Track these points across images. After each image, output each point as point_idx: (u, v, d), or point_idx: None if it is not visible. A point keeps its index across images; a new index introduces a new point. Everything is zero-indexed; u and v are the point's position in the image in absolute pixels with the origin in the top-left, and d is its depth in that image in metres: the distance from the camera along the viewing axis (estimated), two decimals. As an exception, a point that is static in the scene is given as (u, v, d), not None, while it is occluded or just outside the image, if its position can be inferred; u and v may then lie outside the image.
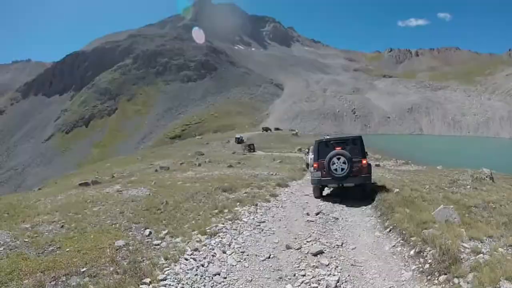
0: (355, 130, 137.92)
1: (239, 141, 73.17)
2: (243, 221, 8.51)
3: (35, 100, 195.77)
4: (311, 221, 8.71)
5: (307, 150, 45.92)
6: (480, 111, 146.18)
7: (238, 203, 10.21)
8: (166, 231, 7.77)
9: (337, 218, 8.99)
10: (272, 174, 19.70)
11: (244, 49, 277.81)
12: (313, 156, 24.74)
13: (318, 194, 11.94)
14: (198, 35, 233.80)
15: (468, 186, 14.29)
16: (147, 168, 34.04)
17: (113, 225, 7.95)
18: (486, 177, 16.75)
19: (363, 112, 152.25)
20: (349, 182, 11.09)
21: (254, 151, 51.24)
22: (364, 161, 11.20)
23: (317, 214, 9.28)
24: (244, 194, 11.73)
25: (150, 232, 7.66)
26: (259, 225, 8.28)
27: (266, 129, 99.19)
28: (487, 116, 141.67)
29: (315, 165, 11.63)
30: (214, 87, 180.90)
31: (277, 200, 11.28)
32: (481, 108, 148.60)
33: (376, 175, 20.49)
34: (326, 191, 13.39)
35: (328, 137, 12.81)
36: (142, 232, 7.68)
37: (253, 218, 8.81)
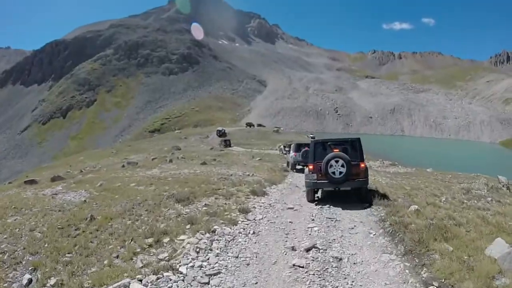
0: (337, 129, 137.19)
1: (221, 134, 73.48)
2: (180, 273, 4.82)
3: (13, 90, 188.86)
4: (299, 266, 5.13)
5: (282, 146, 44.16)
6: (461, 115, 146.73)
7: (188, 226, 6.90)
8: (56, 280, 4.80)
9: (340, 259, 5.52)
10: (249, 174, 16.69)
11: (228, 44, 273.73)
12: (293, 154, 22.41)
13: (312, 198, 10.78)
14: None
15: (489, 199, 11.51)
16: (119, 162, 31.71)
17: (2, 255, 5.87)
18: (503, 186, 14.05)
19: (345, 111, 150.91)
20: (346, 186, 10.26)
21: (230, 147, 50.79)
22: (362, 165, 10.39)
23: (308, 250, 5.76)
24: (204, 208, 8.45)
25: (31, 281, 4.95)
26: (208, 283, 4.59)
27: (250, 125, 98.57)
28: (468, 120, 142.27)
29: (310, 167, 10.60)
30: (196, 81, 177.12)
31: (248, 219, 7.86)
32: (462, 112, 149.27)
33: (369, 178, 18.09)
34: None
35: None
36: (23, 276, 5.17)
37: (201, 265, 5.15)
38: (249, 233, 6.79)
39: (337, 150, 10.40)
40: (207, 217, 7.48)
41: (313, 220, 8.05)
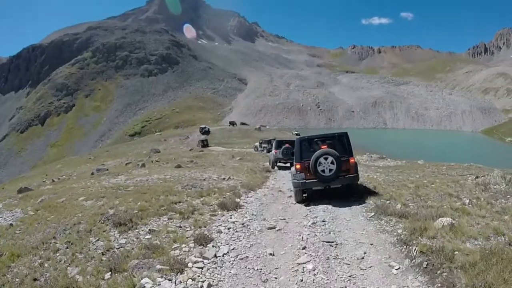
0: (319, 124, 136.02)
1: (204, 131, 74.92)
2: None
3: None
4: None
5: (258, 143, 42.35)
6: (443, 106, 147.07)
7: (108, 275, 4.38)
8: None
9: None
10: (224, 178, 14.28)
11: (208, 43, 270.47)
12: (274, 152, 22.10)
13: (300, 199, 10.02)
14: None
15: (515, 196, 9.42)
16: (90, 170, 29.77)
17: None
18: (521, 179, 11.97)
19: (327, 106, 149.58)
20: (336, 183, 9.67)
21: (208, 146, 51.09)
22: (352, 160, 9.87)
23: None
24: (146, 237, 5.93)
25: None
26: None
27: (233, 123, 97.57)
28: (450, 110, 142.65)
29: (297, 166, 9.96)
30: (176, 81, 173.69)
31: (206, 257, 5.06)
32: (443, 102, 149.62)
33: (361, 175, 16.06)
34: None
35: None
36: None
37: None
38: (201, 287, 4.17)
39: (325, 146, 9.83)
40: (141, 258, 4.86)
41: (304, 248, 5.49)
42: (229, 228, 6.65)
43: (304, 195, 10.23)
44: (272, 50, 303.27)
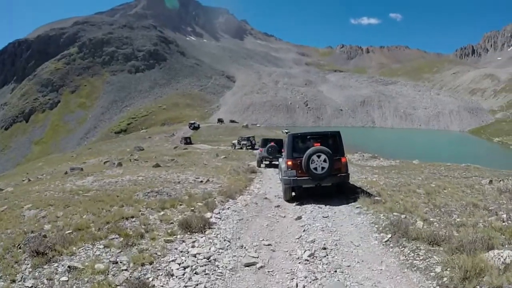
0: (307, 122, 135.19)
1: (194, 127, 76.35)
2: None
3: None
4: None
5: (236, 140, 41.11)
6: (431, 105, 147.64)
7: None
8: None
9: None
10: (202, 181, 12.41)
11: (196, 40, 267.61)
12: (259, 150, 21.91)
13: (290, 197, 9.96)
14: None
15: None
16: (68, 168, 27.96)
17: None
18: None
19: (315, 104, 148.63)
20: (327, 181, 9.62)
21: (191, 144, 50.97)
22: (343, 159, 9.93)
23: None
24: (61, 280, 3.91)
25: None
26: None
27: (221, 121, 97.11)
28: (437, 110, 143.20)
29: (289, 162, 9.83)
30: (163, 78, 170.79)
31: None
32: (431, 102, 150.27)
33: (357, 177, 14.85)
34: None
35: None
36: None
37: None
38: None
39: (318, 144, 9.74)
40: None
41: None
42: (185, 268, 4.44)
43: (293, 193, 10.00)
44: (261, 48, 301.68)
